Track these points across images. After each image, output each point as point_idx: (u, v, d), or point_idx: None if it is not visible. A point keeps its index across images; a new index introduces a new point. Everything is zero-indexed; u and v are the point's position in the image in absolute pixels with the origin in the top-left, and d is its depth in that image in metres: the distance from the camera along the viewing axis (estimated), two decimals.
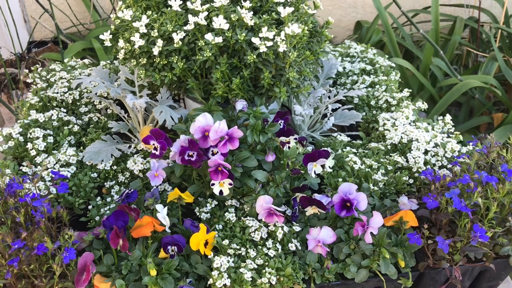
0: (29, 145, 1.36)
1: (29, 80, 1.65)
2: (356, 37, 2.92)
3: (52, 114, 1.45)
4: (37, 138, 1.38)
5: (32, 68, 1.70)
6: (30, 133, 1.39)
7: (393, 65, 1.79)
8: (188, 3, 1.27)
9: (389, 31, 2.37)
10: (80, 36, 2.91)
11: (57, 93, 1.55)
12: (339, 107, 1.59)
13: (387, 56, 1.83)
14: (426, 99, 2.40)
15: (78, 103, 1.55)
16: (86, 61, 1.76)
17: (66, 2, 2.85)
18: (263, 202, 1.15)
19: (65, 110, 1.51)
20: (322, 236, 1.12)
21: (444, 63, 2.31)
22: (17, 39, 2.66)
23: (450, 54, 2.56)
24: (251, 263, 1.10)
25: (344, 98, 1.64)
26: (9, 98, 2.58)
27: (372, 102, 1.62)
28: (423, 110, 1.58)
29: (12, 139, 1.39)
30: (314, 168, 1.22)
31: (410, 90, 1.64)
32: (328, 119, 1.52)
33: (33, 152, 1.35)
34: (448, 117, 1.50)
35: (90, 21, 2.88)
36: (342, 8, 3.07)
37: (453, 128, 1.49)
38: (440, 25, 2.52)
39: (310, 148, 1.43)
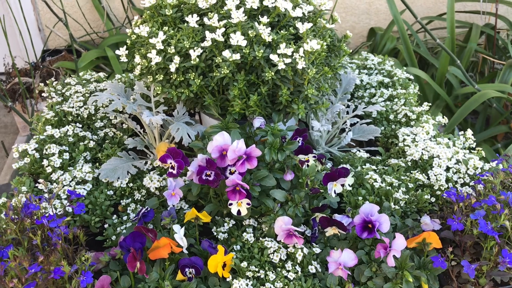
0: (45, 162, 1.35)
1: (44, 94, 1.65)
2: (369, 44, 2.89)
3: (68, 130, 1.44)
4: (53, 154, 1.37)
5: (47, 81, 1.69)
6: (46, 149, 1.37)
7: (411, 77, 1.75)
8: (205, 19, 1.25)
9: (405, 39, 2.33)
10: (94, 44, 2.91)
11: (73, 107, 1.54)
12: (357, 122, 1.56)
13: (405, 68, 1.79)
14: (442, 108, 2.36)
15: (93, 118, 1.54)
16: (102, 74, 1.75)
17: (80, 11, 2.85)
18: (282, 223, 1.13)
19: (80, 125, 1.50)
20: (343, 259, 1.09)
21: (460, 72, 2.27)
22: (31, 48, 2.67)
23: (466, 62, 2.52)
24: (270, 287, 1.08)
25: (363, 112, 1.61)
26: (23, 108, 2.58)
27: (391, 116, 1.59)
28: (443, 124, 1.55)
29: (28, 156, 1.38)
30: (334, 187, 1.19)
31: (430, 104, 1.60)
32: (347, 134, 1.49)
33: (49, 169, 1.34)
34: (469, 132, 1.46)
35: (103, 30, 2.88)
36: (355, 15, 3.03)
37: (474, 143, 1.46)
38: (455, 31, 2.49)
39: (329, 165, 1.40)
